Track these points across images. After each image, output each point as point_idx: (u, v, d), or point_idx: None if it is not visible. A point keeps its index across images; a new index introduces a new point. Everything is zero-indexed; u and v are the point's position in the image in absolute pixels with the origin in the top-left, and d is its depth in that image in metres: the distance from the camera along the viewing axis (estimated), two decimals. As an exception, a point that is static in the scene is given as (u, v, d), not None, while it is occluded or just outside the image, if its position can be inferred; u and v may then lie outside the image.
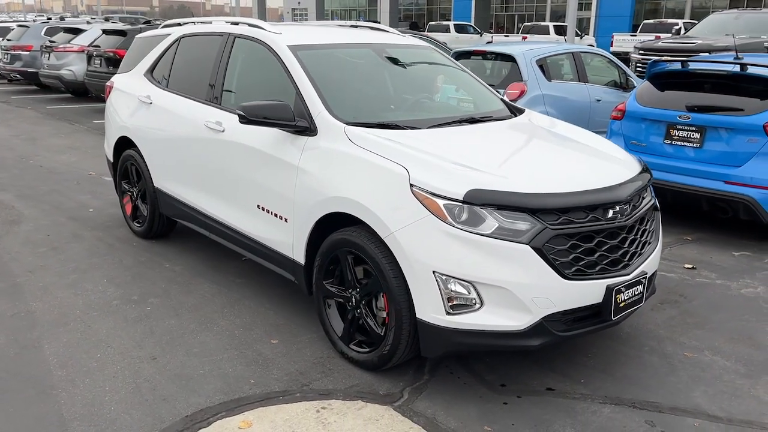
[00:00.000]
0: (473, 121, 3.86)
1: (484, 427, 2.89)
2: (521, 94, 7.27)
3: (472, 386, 3.22)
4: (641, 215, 3.29)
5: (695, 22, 24.10)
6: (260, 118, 3.50)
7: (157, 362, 3.38)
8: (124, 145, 5.26)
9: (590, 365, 3.45)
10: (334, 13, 55.56)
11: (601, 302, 3.03)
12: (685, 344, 3.70)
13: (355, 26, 5.03)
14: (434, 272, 2.88)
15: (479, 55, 8.12)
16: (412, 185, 2.98)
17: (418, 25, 40.53)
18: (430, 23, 35.70)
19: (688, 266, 4.90)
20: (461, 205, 2.88)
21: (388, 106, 3.99)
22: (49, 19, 20.37)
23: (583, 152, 3.58)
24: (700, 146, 5.41)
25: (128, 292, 4.25)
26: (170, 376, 3.25)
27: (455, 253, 2.86)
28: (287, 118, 3.52)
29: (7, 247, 5.07)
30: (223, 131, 4.06)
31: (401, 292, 3.01)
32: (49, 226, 5.59)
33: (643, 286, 3.22)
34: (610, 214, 3.08)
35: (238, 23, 4.48)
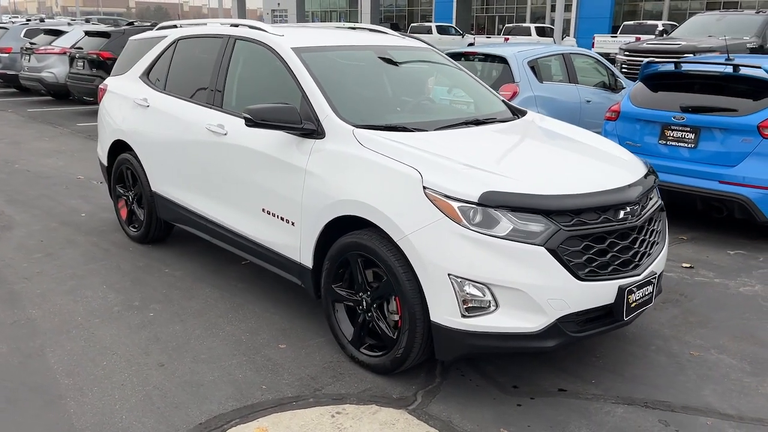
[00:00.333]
0: (478, 122, 3.87)
1: (500, 429, 2.89)
2: (513, 95, 7.29)
3: (484, 388, 3.22)
4: (650, 215, 3.31)
5: (674, 23, 24.45)
6: (267, 121, 3.47)
7: (165, 369, 3.33)
8: (119, 148, 5.19)
9: (599, 365, 3.46)
10: (314, 14, 55.45)
11: (613, 303, 3.05)
12: (690, 343, 3.73)
13: (353, 28, 5.01)
14: (449, 275, 2.87)
15: (470, 56, 8.13)
16: (425, 188, 2.97)
17: (398, 26, 40.48)
18: (412, 24, 35.71)
19: (686, 265, 4.95)
20: (476, 207, 2.88)
21: (393, 108, 3.98)
22: (28, 20, 20.04)
23: (590, 154, 3.60)
24: (694, 146, 5.47)
25: (129, 297, 4.19)
26: (180, 382, 3.21)
27: (470, 255, 2.86)
28: (294, 120, 3.50)
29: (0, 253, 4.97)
30: (225, 134, 4.02)
31: (415, 295, 3.00)
32: (41, 231, 5.49)
33: (653, 286, 3.24)
34: (621, 214, 3.10)
35: (238, 25, 4.44)
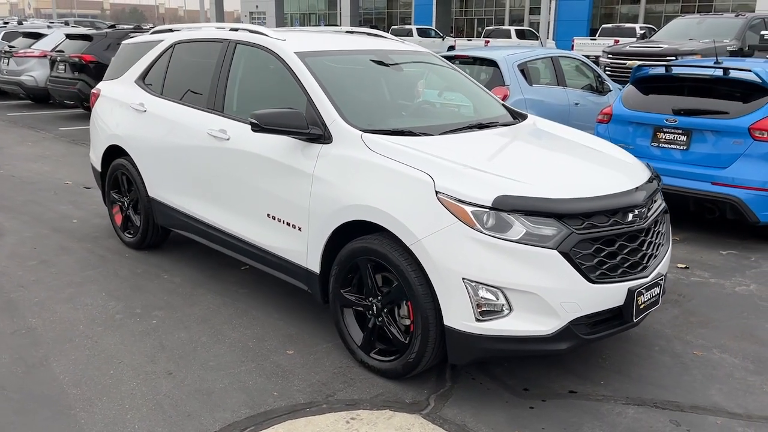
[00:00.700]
0: (481, 126, 3.89)
1: (516, 431, 2.91)
2: (504, 98, 7.32)
3: (495, 391, 3.24)
4: (655, 218, 3.36)
5: (652, 26, 24.81)
6: (273, 126, 3.45)
7: (174, 377, 3.29)
8: (113, 153, 5.13)
9: (606, 366, 3.50)
10: (293, 17, 55.29)
11: (623, 304, 3.08)
12: (692, 343, 3.78)
13: (350, 32, 5.00)
14: (463, 279, 2.88)
15: (460, 60, 8.17)
16: (437, 192, 2.97)
17: (378, 28, 40.52)
18: (392, 27, 35.73)
19: (681, 266, 5.02)
20: (489, 211, 2.89)
21: (398, 112, 3.98)
22: (6, 23, 19.70)
23: (595, 157, 3.64)
24: (686, 148, 5.55)
25: (130, 305, 4.14)
26: (190, 391, 3.17)
27: (484, 259, 2.87)
28: (300, 125, 3.48)
29: (-8, 261, 4.89)
30: (227, 139, 3.99)
31: (427, 299, 3.01)
32: (33, 238, 5.40)
33: (660, 287, 3.29)
34: (629, 217, 3.13)
35: (237, 29, 4.41)
